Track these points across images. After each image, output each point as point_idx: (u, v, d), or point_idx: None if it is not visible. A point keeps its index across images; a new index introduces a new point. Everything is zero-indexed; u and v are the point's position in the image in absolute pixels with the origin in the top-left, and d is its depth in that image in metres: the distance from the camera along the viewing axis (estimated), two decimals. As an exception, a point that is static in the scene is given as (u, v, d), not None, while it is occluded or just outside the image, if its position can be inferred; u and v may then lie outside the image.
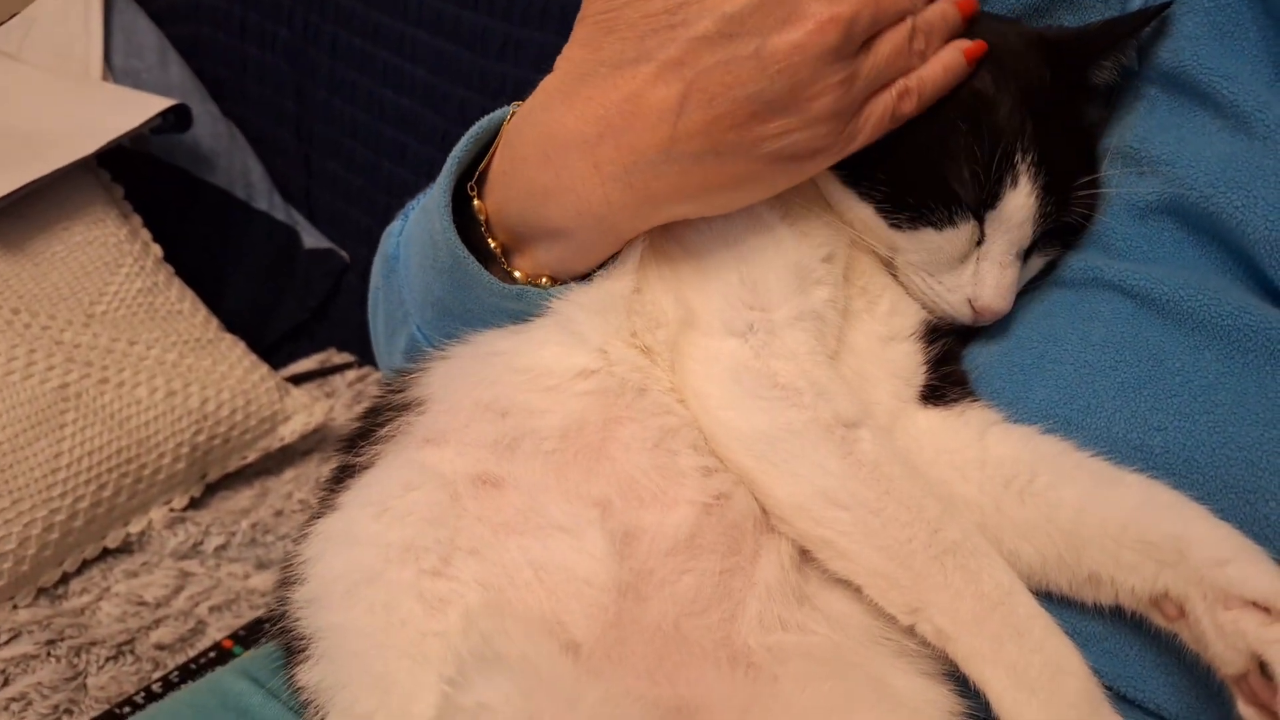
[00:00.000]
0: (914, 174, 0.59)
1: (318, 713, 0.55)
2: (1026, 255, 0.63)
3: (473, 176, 0.65)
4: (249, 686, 0.68)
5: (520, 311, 0.63)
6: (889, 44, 0.56)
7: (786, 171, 0.57)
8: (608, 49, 0.56)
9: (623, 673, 0.52)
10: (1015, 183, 0.59)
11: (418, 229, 0.69)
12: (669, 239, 0.62)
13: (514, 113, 0.64)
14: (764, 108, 0.54)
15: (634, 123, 0.55)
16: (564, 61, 0.59)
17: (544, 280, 0.64)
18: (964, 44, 0.59)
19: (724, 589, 0.55)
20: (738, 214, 0.61)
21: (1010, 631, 0.51)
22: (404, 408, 0.62)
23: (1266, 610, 0.48)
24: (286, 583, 0.60)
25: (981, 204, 0.59)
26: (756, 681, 0.53)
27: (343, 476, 0.62)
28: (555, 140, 0.58)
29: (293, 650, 0.58)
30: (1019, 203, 0.59)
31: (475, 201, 0.64)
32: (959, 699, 0.55)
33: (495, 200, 0.64)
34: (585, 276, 0.63)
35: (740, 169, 0.56)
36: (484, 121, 0.65)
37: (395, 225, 0.77)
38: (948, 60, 0.59)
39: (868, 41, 0.56)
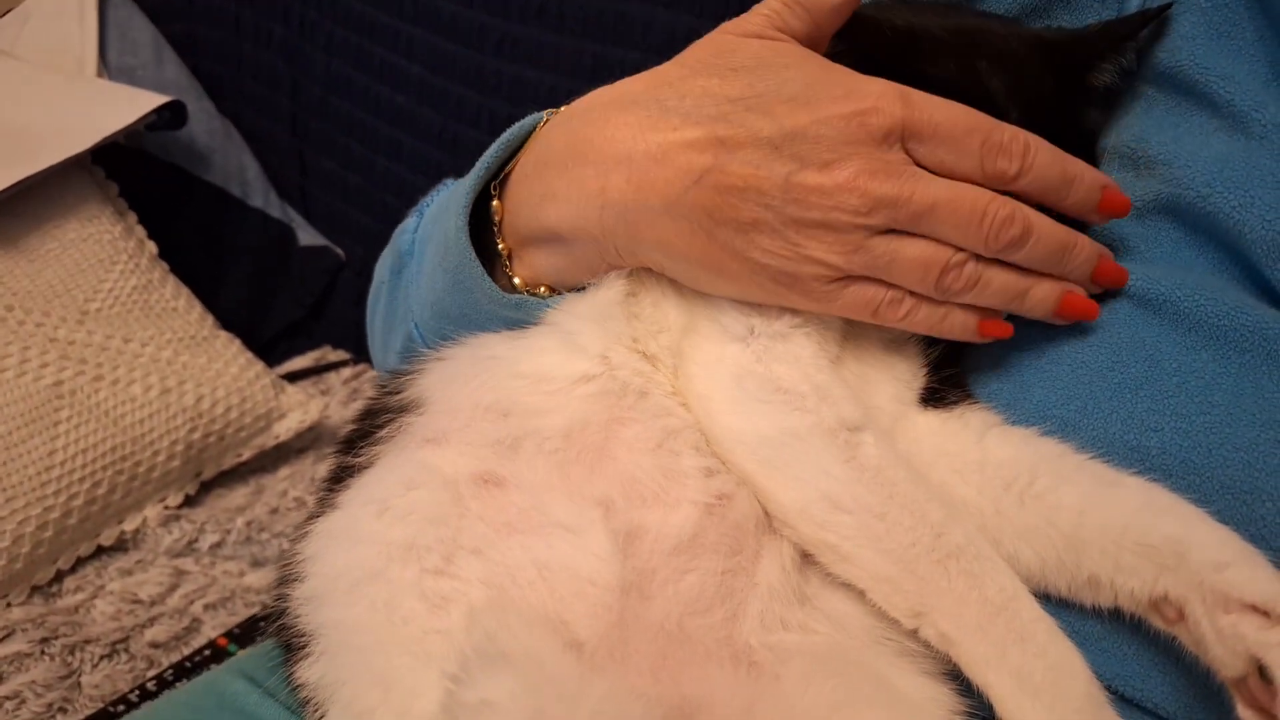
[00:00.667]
0: None
1: (317, 710, 0.55)
2: (1025, 256, 0.63)
3: (498, 177, 0.65)
4: (246, 686, 0.68)
5: (517, 320, 0.63)
6: (915, 252, 0.54)
7: (764, 289, 0.57)
8: (673, 92, 0.57)
9: (626, 671, 0.52)
10: None
11: (436, 227, 0.70)
12: None
13: (548, 119, 0.64)
14: (766, 224, 0.54)
15: (654, 168, 0.56)
16: (629, 83, 0.60)
17: (542, 289, 0.64)
18: (989, 317, 0.57)
19: (726, 589, 0.55)
20: None
21: (1014, 636, 0.51)
22: (402, 409, 0.62)
23: (1265, 614, 0.48)
24: (285, 580, 0.60)
25: None
26: (759, 680, 0.53)
27: (341, 477, 0.62)
28: (578, 151, 0.59)
29: (292, 647, 0.58)
30: None
31: (494, 201, 0.65)
32: (960, 698, 0.55)
33: (511, 201, 0.64)
34: (580, 288, 0.63)
35: (723, 260, 0.56)
36: (516, 127, 0.66)
37: (410, 222, 0.77)
38: (958, 320, 0.56)
39: (906, 234, 0.54)
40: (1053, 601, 0.56)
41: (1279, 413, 0.54)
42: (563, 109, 0.64)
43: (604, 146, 0.58)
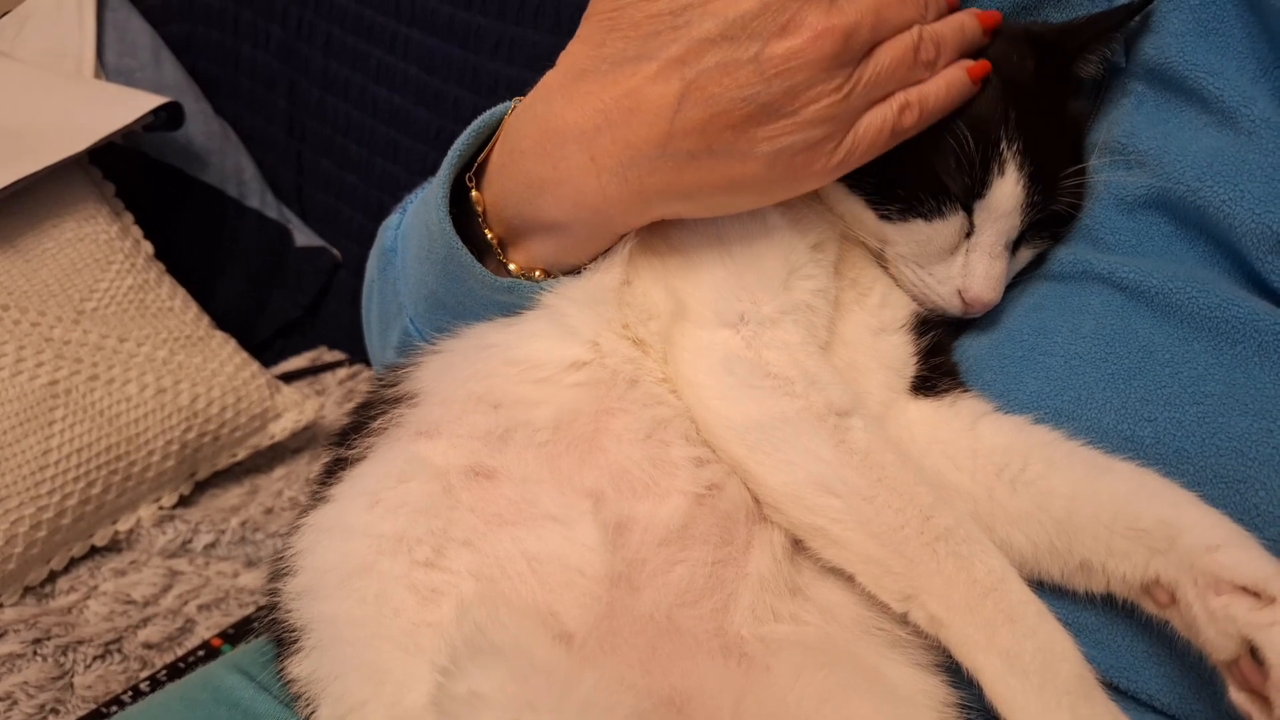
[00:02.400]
0: (902, 166, 0.60)
1: (309, 704, 0.55)
2: (1015, 248, 0.63)
3: (471, 169, 0.65)
4: (240, 680, 0.68)
5: (512, 304, 0.63)
6: (889, 53, 0.56)
7: (783, 178, 0.57)
8: (610, 46, 0.57)
9: (616, 662, 0.52)
10: (1002, 171, 0.59)
11: (416, 221, 0.70)
12: (660, 231, 0.62)
13: (515, 107, 0.64)
14: (759, 110, 0.54)
15: (632, 118, 0.56)
16: (566, 57, 0.60)
17: (537, 273, 0.64)
18: (967, 63, 0.59)
19: (716, 579, 0.55)
20: None
21: (1003, 617, 0.51)
22: (396, 401, 0.62)
23: (1256, 595, 0.48)
24: (278, 575, 0.60)
25: (970, 194, 0.60)
26: (749, 671, 0.53)
27: (334, 469, 0.62)
28: (553, 133, 0.59)
29: (284, 642, 0.58)
30: (1006, 191, 0.60)
31: (473, 193, 0.65)
32: (952, 689, 0.55)
33: (493, 193, 0.64)
34: (577, 270, 0.63)
35: (735, 170, 0.56)
36: (485, 116, 0.66)
37: (393, 219, 0.78)
38: (951, 77, 0.59)
39: (872, 49, 0.56)
40: (1046, 591, 0.56)
41: (1270, 403, 0.54)
42: (525, 98, 0.63)
43: (576, 119, 0.58)
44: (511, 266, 0.65)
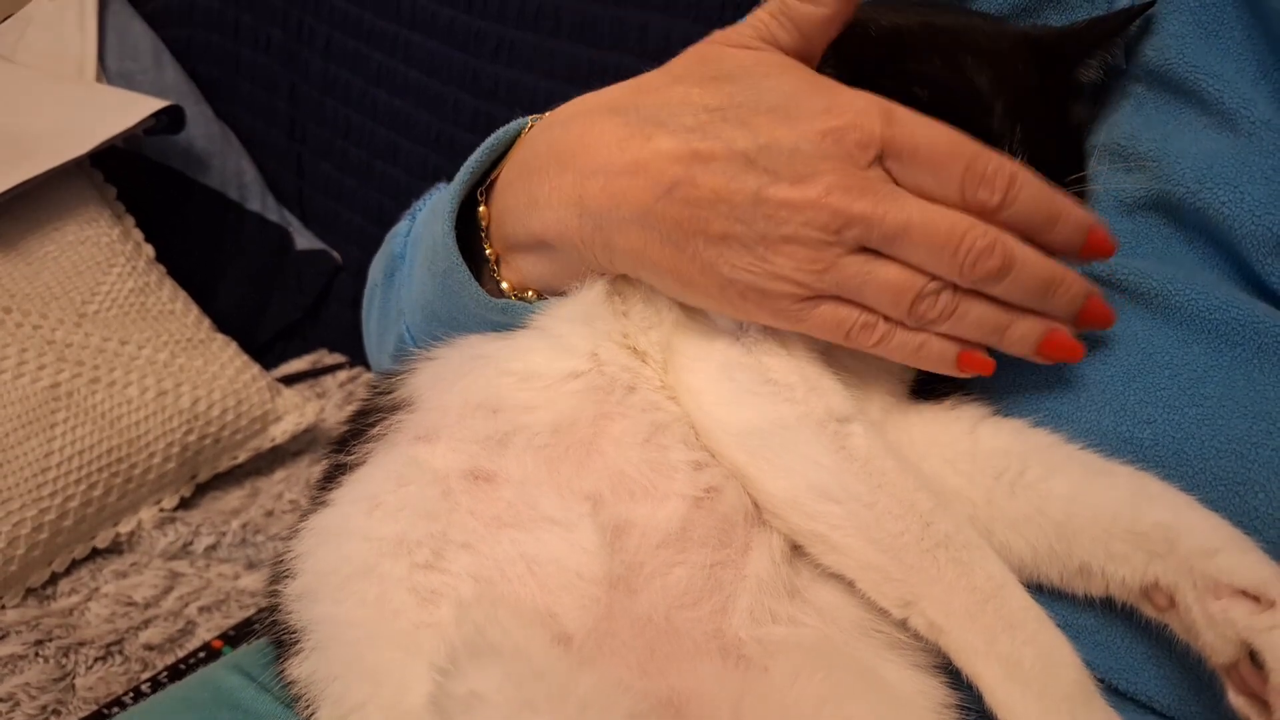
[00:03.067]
0: None
1: (309, 705, 0.55)
2: (1016, 251, 0.63)
3: (484, 184, 0.65)
4: (241, 681, 0.68)
5: (504, 324, 0.64)
6: (888, 275, 0.52)
7: (733, 303, 0.55)
8: (654, 100, 0.56)
9: (614, 664, 0.52)
10: None
11: (425, 231, 0.70)
12: None
13: (532, 124, 0.64)
14: (734, 238, 0.53)
15: (627, 178, 0.56)
16: (614, 89, 0.60)
17: (530, 294, 0.65)
18: (969, 350, 0.54)
19: (715, 582, 0.55)
20: None
21: (1003, 624, 0.51)
22: (393, 408, 0.62)
23: (1256, 599, 0.48)
24: (278, 578, 0.60)
25: None
26: (747, 673, 0.53)
27: (333, 475, 0.62)
28: (559, 158, 0.59)
29: (284, 644, 0.58)
30: None
31: (481, 207, 0.65)
32: (950, 691, 0.55)
33: (497, 208, 0.65)
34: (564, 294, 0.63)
35: (694, 273, 0.55)
36: (501, 132, 0.66)
37: (402, 225, 0.78)
38: (934, 349, 0.54)
39: (881, 255, 0.52)
40: (1045, 594, 0.56)
41: (1270, 405, 0.54)
42: (546, 115, 0.64)
43: (583, 154, 0.58)
44: (504, 284, 0.65)
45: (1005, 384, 0.61)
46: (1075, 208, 0.54)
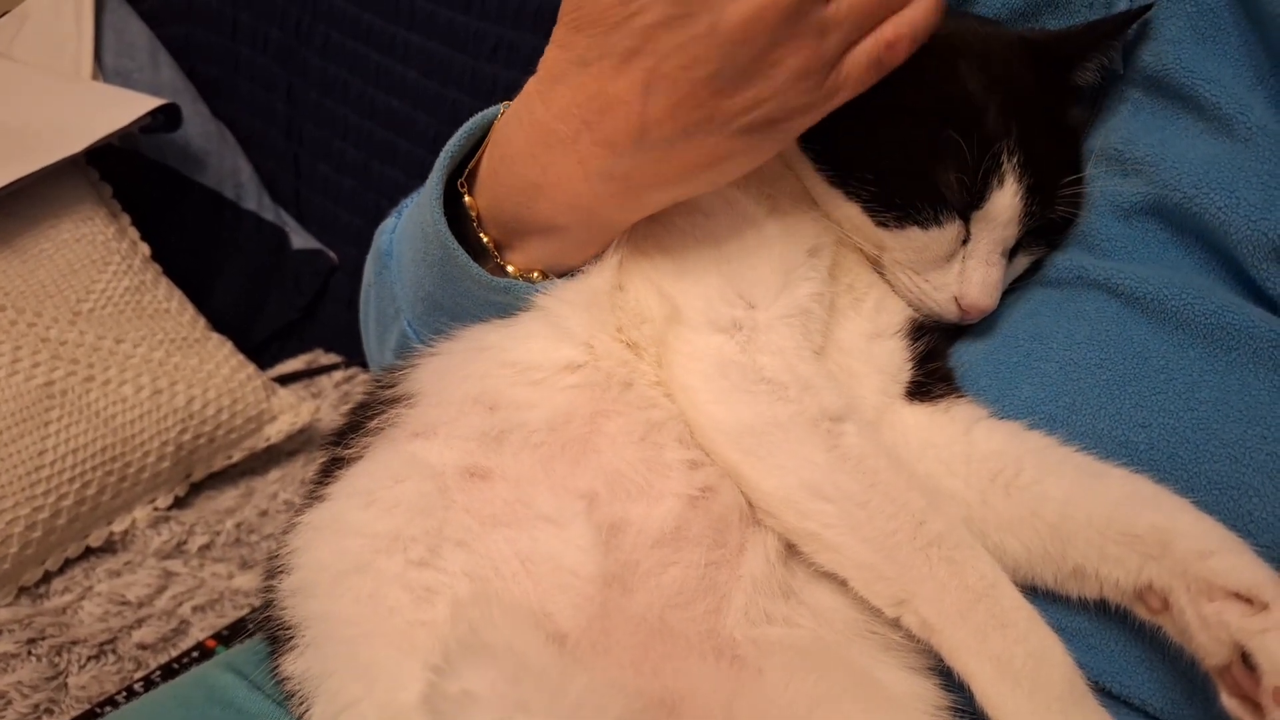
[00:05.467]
0: (901, 174, 0.60)
1: (303, 702, 0.55)
2: (1012, 254, 0.64)
3: (463, 173, 0.65)
4: (234, 680, 0.68)
5: (508, 305, 0.64)
6: None
7: (767, 139, 0.55)
8: (576, 47, 0.56)
9: (608, 663, 0.52)
10: (1001, 183, 0.59)
11: (411, 224, 0.70)
12: (653, 235, 0.62)
13: (504, 112, 0.64)
14: (727, 83, 0.53)
15: (605, 118, 0.56)
16: (543, 63, 0.60)
17: (535, 274, 0.65)
18: None
19: (709, 582, 0.55)
20: (723, 210, 0.61)
21: (994, 623, 0.51)
22: (393, 402, 0.62)
23: (1249, 601, 0.48)
24: (273, 573, 0.60)
25: (968, 205, 0.60)
26: (741, 674, 0.53)
27: (331, 469, 0.62)
28: (538, 139, 0.59)
29: (278, 640, 0.58)
30: (1005, 203, 0.60)
31: (466, 198, 0.65)
32: (944, 693, 0.55)
33: (487, 198, 0.64)
34: (574, 271, 0.63)
35: (716, 147, 0.55)
36: (476, 119, 0.66)
37: (388, 222, 0.78)
38: None
39: None
40: (1039, 596, 0.56)
41: (1264, 410, 0.54)
42: (511, 105, 0.63)
43: (556, 125, 0.58)
44: (510, 268, 0.65)
45: (1000, 386, 0.61)
46: None
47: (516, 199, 0.62)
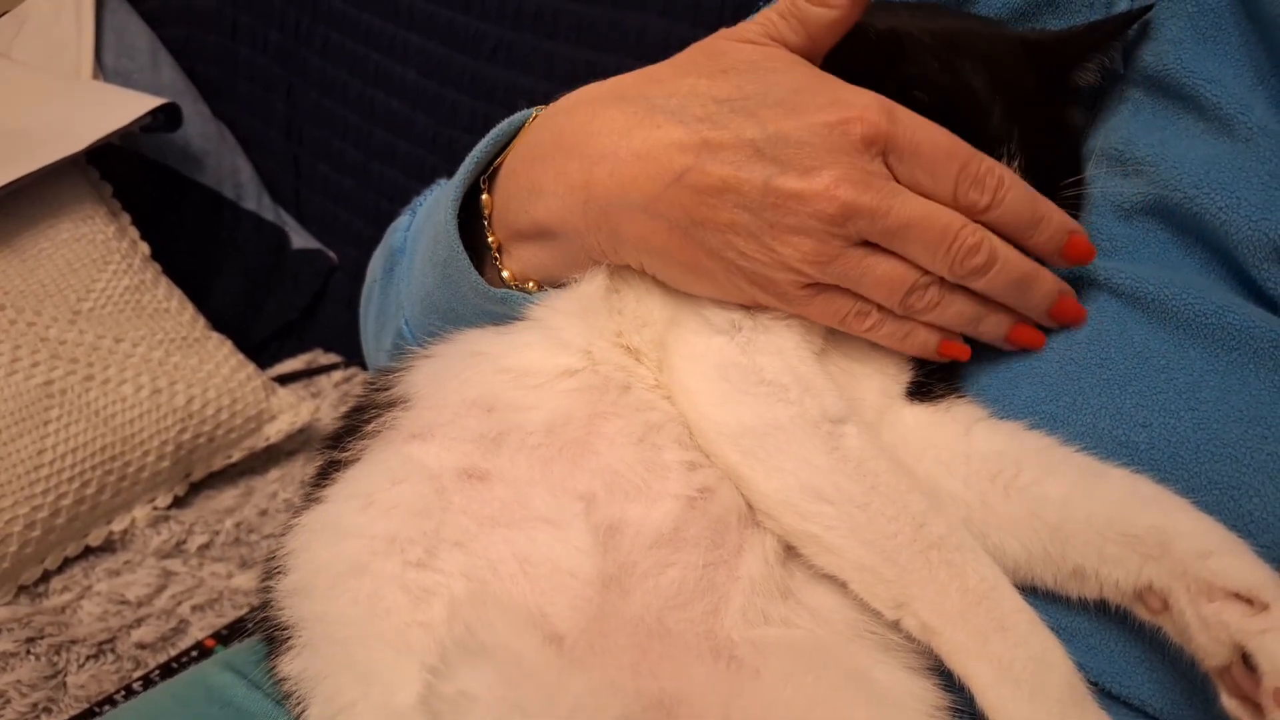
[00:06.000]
0: None
1: (299, 703, 0.55)
2: (1013, 255, 0.63)
3: (487, 171, 0.66)
4: (233, 679, 0.68)
5: (503, 315, 0.64)
6: (884, 269, 0.55)
7: (739, 289, 0.57)
8: (661, 90, 0.57)
9: (606, 664, 0.52)
10: None
11: (427, 222, 0.70)
12: None
13: (535, 115, 0.65)
14: (742, 226, 0.54)
15: (636, 164, 0.56)
16: (617, 79, 0.60)
17: (530, 285, 0.65)
18: (949, 339, 0.58)
19: (707, 583, 0.55)
20: None
21: (995, 626, 0.51)
22: (389, 405, 0.62)
23: (1249, 602, 0.48)
24: (270, 574, 0.60)
25: None
26: (739, 675, 0.53)
27: (327, 472, 0.62)
28: (565, 144, 0.60)
29: (275, 640, 0.58)
30: None
31: (484, 195, 0.65)
32: (943, 693, 0.55)
33: (500, 195, 0.65)
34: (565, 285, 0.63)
35: (701, 260, 0.56)
36: (504, 124, 0.66)
37: (402, 220, 0.78)
38: (919, 338, 0.58)
39: (879, 249, 0.55)
40: (1039, 596, 0.56)
41: (1265, 410, 0.54)
42: (552, 104, 0.64)
43: (589, 141, 0.58)
44: (505, 273, 0.65)
45: (1000, 386, 0.61)
46: (1057, 212, 0.57)
47: (523, 197, 0.62)
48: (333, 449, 0.63)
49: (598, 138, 0.58)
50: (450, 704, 0.46)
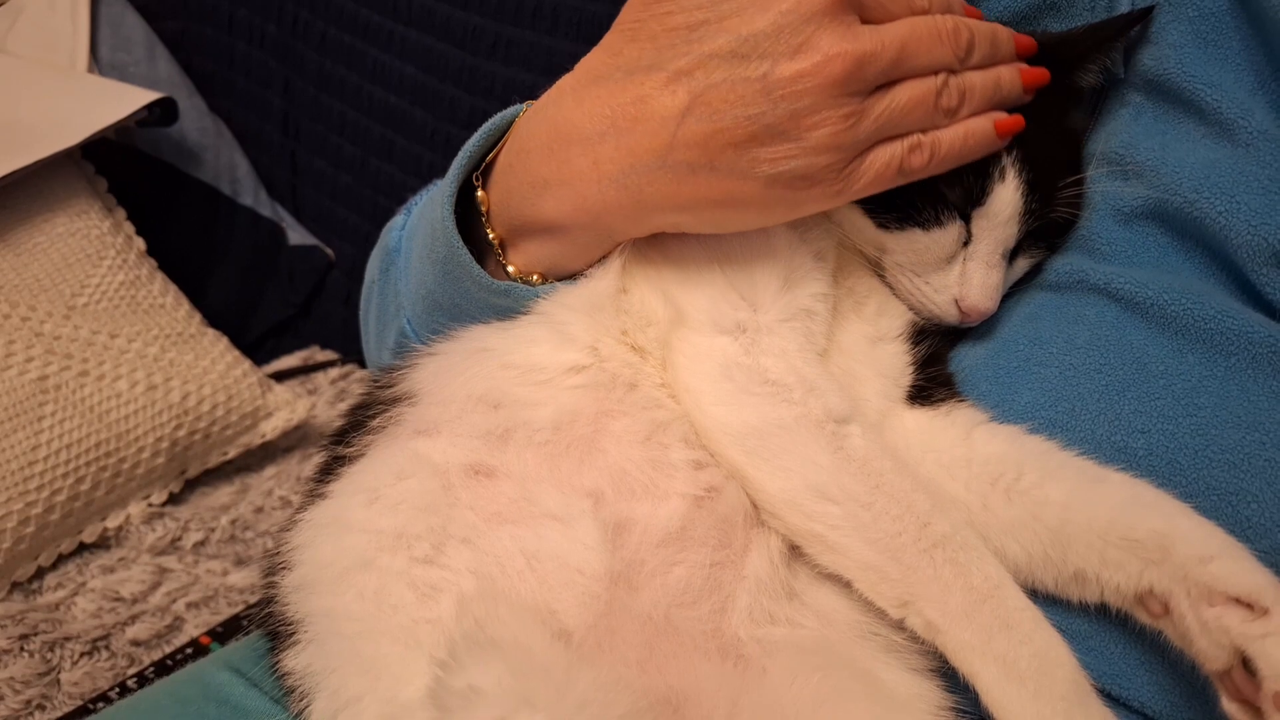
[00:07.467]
0: None
1: (303, 698, 0.55)
2: (1012, 257, 0.64)
3: (479, 168, 0.65)
4: (231, 677, 0.67)
5: (507, 308, 0.64)
6: (907, 92, 0.55)
7: (782, 200, 0.56)
8: (626, 55, 0.57)
9: (613, 661, 0.52)
10: (1002, 178, 0.60)
11: (422, 220, 0.70)
12: (657, 237, 0.62)
13: (525, 110, 0.65)
14: (763, 130, 0.54)
15: (636, 126, 0.56)
16: (584, 63, 0.60)
17: (535, 278, 0.64)
18: (998, 115, 0.58)
19: (714, 581, 0.55)
20: None
21: (999, 624, 0.51)
22: (394, 401, 0.62)
23: (1249, 606, 0.49)
24: (273, 570, 0.60)
25: (968, 203, 0.60)
26: (745, 673, 0.54)
27: (331, 468, 0.62)
28: (560, 134, 0.59)
29: (279, 636, 0.57)
30: (1005, 200, 0.60)
31: (479, 192, 0.65)
32: (947, 694, 0.55)
33: (498, 192, 0.64)
34: (574, 277, 0.63)
35: (734, 188, 0.56)
36: (496, 118, 0.66)
37: (397, 220, 0.78)
38: (973, 127, 0.58)
39: (891, 85, 0.55)
40: (1039, 599, 0.56)
41: (1263, 416, 0.54)
42: (534, 103, 0.64)
43: (584, 123, 0.58)
44: (510, 268, 0.65)
45: (1000, 391, 0.62)
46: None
47: (525, 194, 0.62)
48: (337, 445, 0.63)
49: (591, 118, 0.58)
50: (459, 698, 0.46)
